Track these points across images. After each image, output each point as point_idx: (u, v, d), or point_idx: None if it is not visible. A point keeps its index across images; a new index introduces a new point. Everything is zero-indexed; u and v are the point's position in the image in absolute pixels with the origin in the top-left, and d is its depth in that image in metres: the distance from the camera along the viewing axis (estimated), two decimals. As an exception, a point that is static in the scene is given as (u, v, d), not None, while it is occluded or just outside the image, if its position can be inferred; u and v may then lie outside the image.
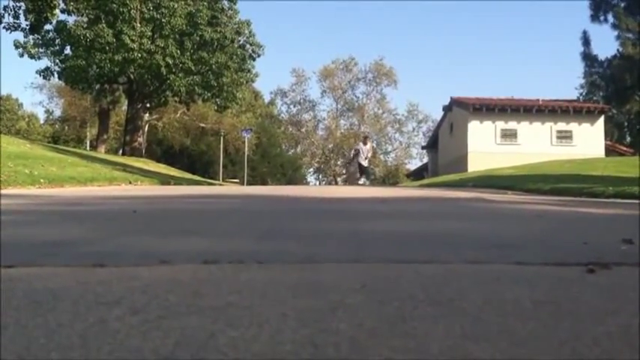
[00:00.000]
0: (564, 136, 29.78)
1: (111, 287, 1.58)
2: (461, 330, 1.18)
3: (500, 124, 29.70)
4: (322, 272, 1.86)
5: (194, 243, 2.64)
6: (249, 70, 33.60)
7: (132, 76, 30.75)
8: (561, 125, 29.76)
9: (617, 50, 22.19)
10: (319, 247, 2.50)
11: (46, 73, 30.47)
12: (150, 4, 29.25)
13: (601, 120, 30.10)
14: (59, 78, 31.52)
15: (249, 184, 35.21)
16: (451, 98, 33.01)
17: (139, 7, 28.92)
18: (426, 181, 23.59)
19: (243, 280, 1.72)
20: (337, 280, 1.71)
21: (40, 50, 29.50)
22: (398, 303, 1.40)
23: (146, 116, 39.40)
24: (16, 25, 24.51)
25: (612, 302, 1.47)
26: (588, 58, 21.83)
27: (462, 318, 1.27)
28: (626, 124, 44.70)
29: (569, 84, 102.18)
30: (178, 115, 47.62)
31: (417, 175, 43.81)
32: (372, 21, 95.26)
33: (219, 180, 36.32)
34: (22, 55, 28.91)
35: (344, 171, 61.99)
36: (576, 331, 1.18)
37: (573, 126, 29.83)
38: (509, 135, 29.71)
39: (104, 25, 28.31)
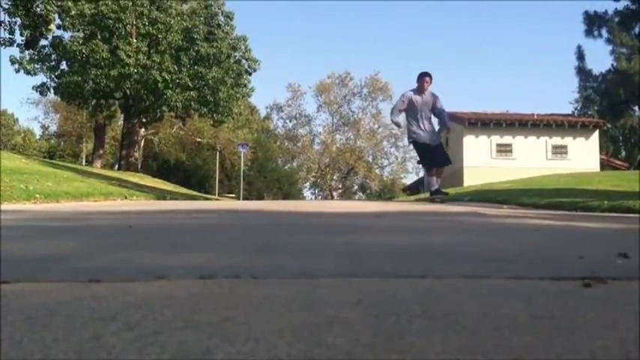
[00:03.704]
0: (559, 151, 29.94)
1: (106, 302, 1.57)
2: (458, 344, 1.18)
3: (496, 139, 29.86)
4: (318, 287, 1.86)
5: (190, 258, 2.63)
6: (245, 85, 33.79)
7: (128, 92, 30.82)
8: (556, 139, 29.94)
9: (612, 65, 22.43)
10: (315, 262, 2.49)
11: (42, 88, 30.55)
12: (145, 20, 29.39)
13: (596, 134, 30.28)
14: (55, 93, 31.59)
15: (246, 198, 35.17)
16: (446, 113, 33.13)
17: (134, 22, 29.05)
18: (422, 196, 23.52)
19: (240, 295, 1.72)
20: (333, 295, 1.70)
21: (36, 66, 29.58)
22: (394, 317, 1.40)
23: (142, 131, 39.49)
24: (11, 41, 24.54)
25: (609, 316, 1.47)
26: (583, 72, 22.04)
27: (459, 332, 1.27)
28: (620, 138, 44.94)
29: (563, 98, 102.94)
30: (174, 129, 47.71)
31: (413, 189, 43.80)
32: (367, 36, 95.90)
33: (215, 195, 36.25)
34: (17, 71, 29.00)
35: (340, 185, 62.05)
36: (573, 345, 1.18)
37: (568, 140, 30.00)
38: (504, 149, 29.86)
39: (100, 41, 28.42)
